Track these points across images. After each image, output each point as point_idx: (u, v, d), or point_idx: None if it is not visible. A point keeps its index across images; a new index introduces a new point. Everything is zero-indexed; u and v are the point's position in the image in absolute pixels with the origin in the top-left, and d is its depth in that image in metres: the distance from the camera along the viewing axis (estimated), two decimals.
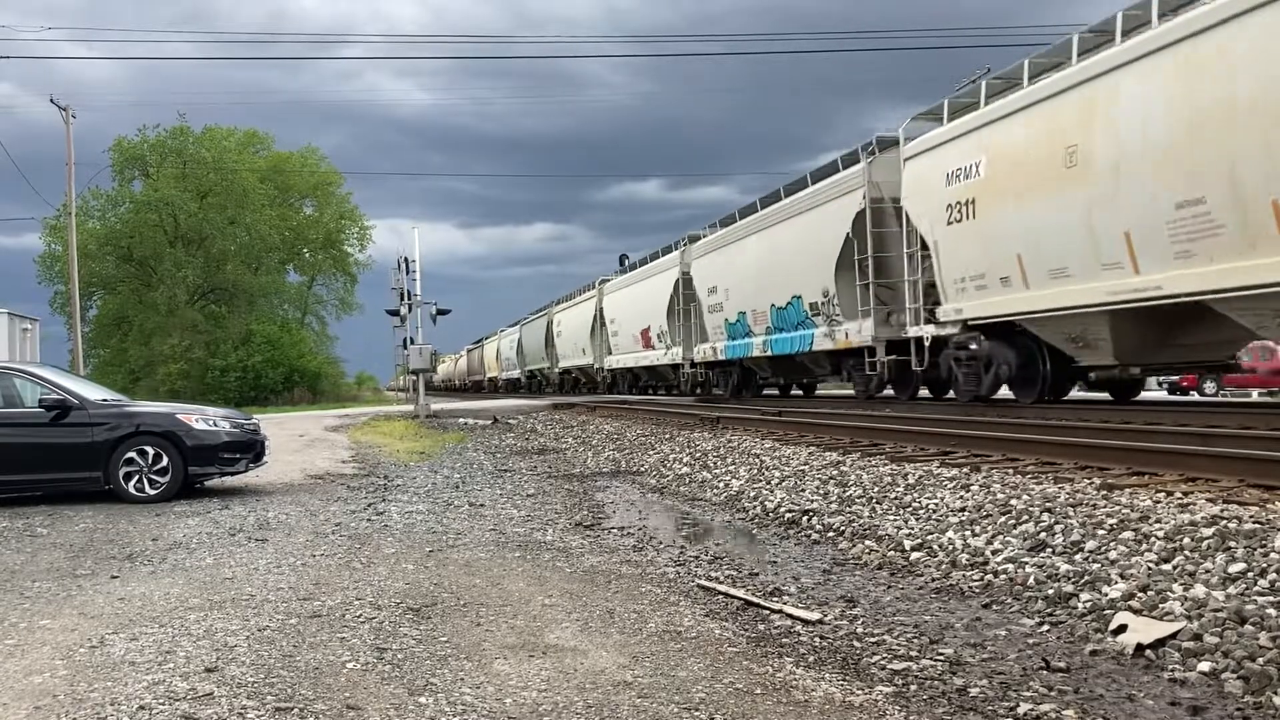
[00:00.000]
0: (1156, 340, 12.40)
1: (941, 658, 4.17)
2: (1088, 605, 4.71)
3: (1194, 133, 10.21)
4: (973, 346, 14.96)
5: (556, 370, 45.54)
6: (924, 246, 15.68)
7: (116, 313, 46.88)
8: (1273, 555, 4.65)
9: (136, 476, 9.79)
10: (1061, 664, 4.05)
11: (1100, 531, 5.62)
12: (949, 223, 14.74)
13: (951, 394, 16.95)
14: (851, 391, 22.33)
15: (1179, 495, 6.12)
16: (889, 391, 19.44)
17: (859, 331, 17.95)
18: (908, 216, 16.12)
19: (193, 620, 4.92)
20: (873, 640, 4.47)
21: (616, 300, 35.56)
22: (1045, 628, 4.62)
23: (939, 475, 8.06)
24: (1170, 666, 3.94)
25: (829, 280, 18.84)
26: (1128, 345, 12.37)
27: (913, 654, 4.24)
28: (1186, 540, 5.14)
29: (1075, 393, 16.18)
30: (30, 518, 8.79)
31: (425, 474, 12.29)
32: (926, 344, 15.84)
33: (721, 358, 25.70)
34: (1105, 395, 15.78)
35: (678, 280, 28.52)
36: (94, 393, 10.73)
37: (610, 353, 36.59)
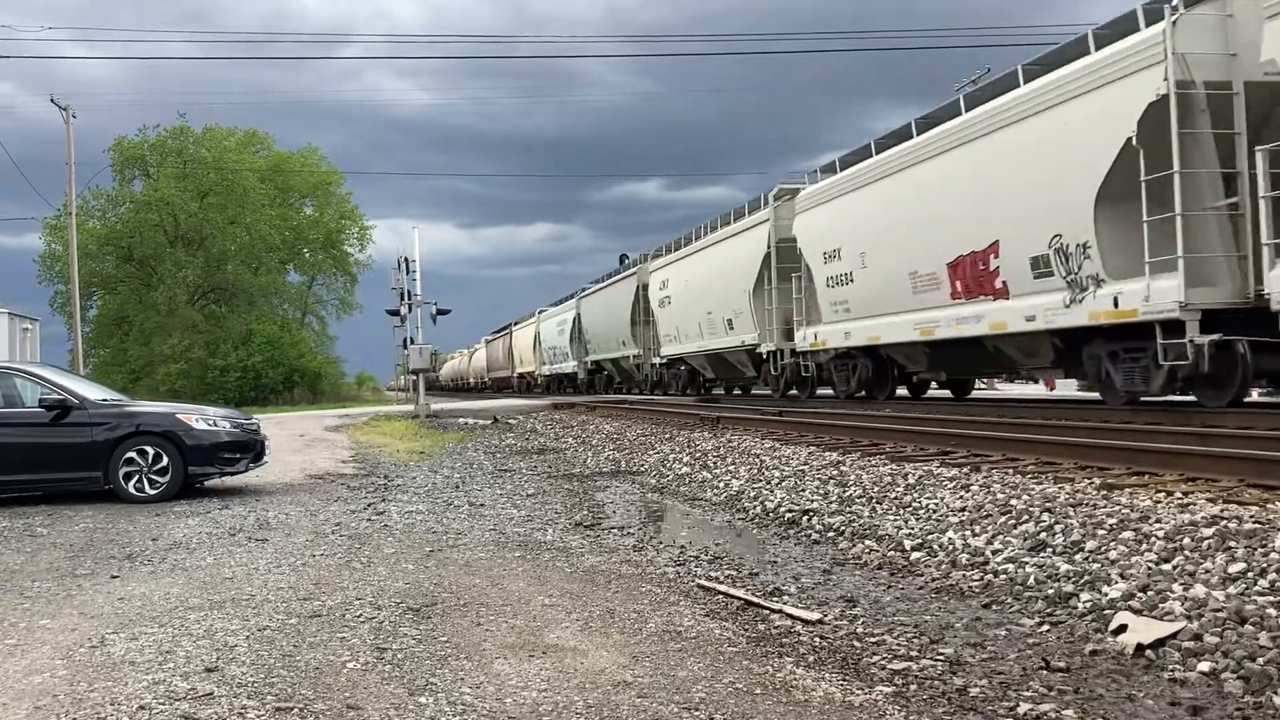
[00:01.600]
0: None
1: (941, 658, 4.17)
2: (1088, 605, 4.71)
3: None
4: None
5: (658, 359, 30.35)
6: None
7: (116, 313, 46.87)
8: (1273, 555, 4.65)
9: (136, 476, 9.79)
10: (1061, 664, 4.05)
11: (1100, 531, 5.62)
12: None
13: None
14: None
15: (1179, 495, 6.12)
16: None
17: None
18: None
19: (193, 620, 4.92)
20: (873, 640, 4.47)
21: (843, 213, 18.34)
22: (1045, 628, 4.62)
23: (939, 475, 8.06)
24: (1170, 666, 3.94)
25: None
26: None
27: (913, 654, 4.24)
28: (1186, 540, 5.14)
29: None
30: (30, 518, 8.79)
31: (425, 474, 12.29)
32: None
33: None
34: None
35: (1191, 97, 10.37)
36: (94, 392, 10.73)
37: (819, 320, 19.67)
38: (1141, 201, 10.90)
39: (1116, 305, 11.58)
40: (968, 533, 6.31)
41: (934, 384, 19.91)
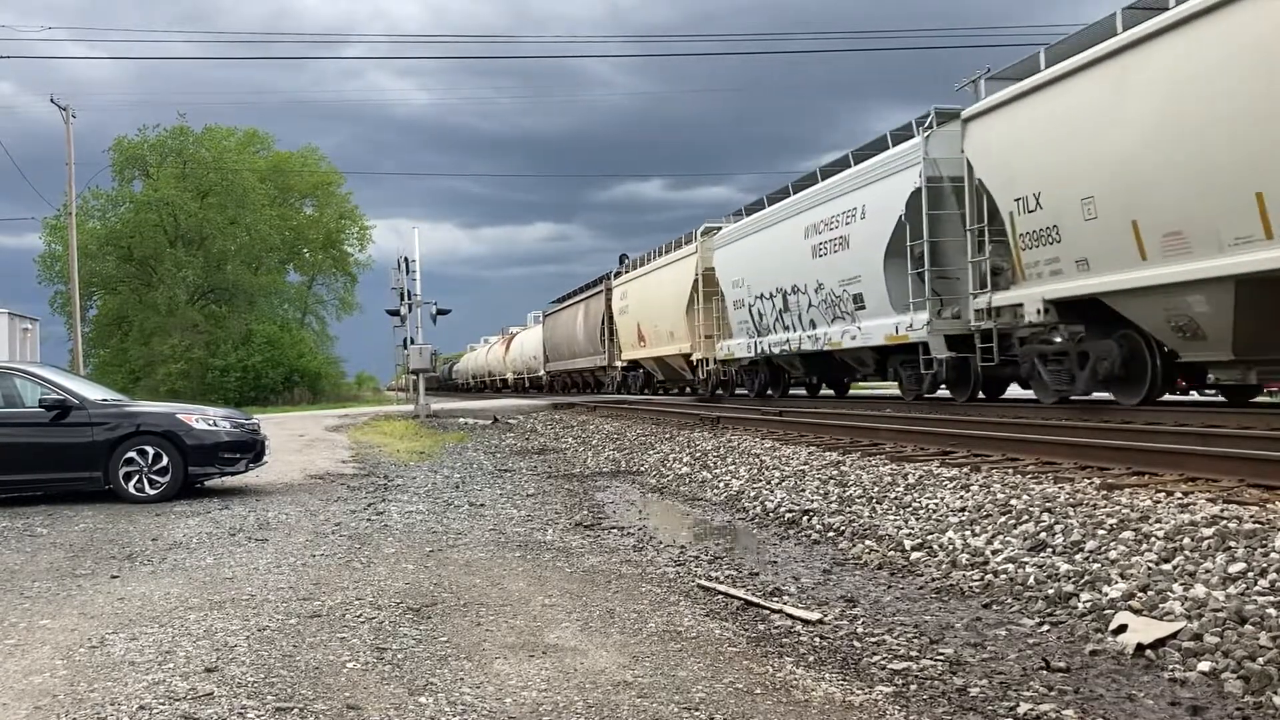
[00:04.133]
0: None
1: (941, 658, 4.17)
2: (1088, 605, 4.71)
3: None
4: None
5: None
6: None
7: (116, 313, 46.84)
8: (1273, 555, 4.65)
9: (136, 476, 9.78)
10: (1061, 664, 4.05)
11: (1100, 531, 5.62)
12: None
13: None
14: None
15: (1179, 495, 6.12)
16: None
17: None
18: None
19: (193, 620, 4.92)
20: (873, 640, 4.47)
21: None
22: (1045, 628, 4.62)
23: (939, 475, 8.06)
24: (1170, 666, 3.94)
25: None
26: None
27: (913, 654, 4.24)
28: (1186, 540, 5.14)
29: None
30: (30, 518, 8.79)
31: (425, 474, 12.29)
32: None
33: None
34: None
35: None
36: (94, 392, 10.73)
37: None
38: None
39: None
40: (968, 533, 6.31)
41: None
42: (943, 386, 16.18)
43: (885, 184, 15.75)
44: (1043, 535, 5.85)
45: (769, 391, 22.84)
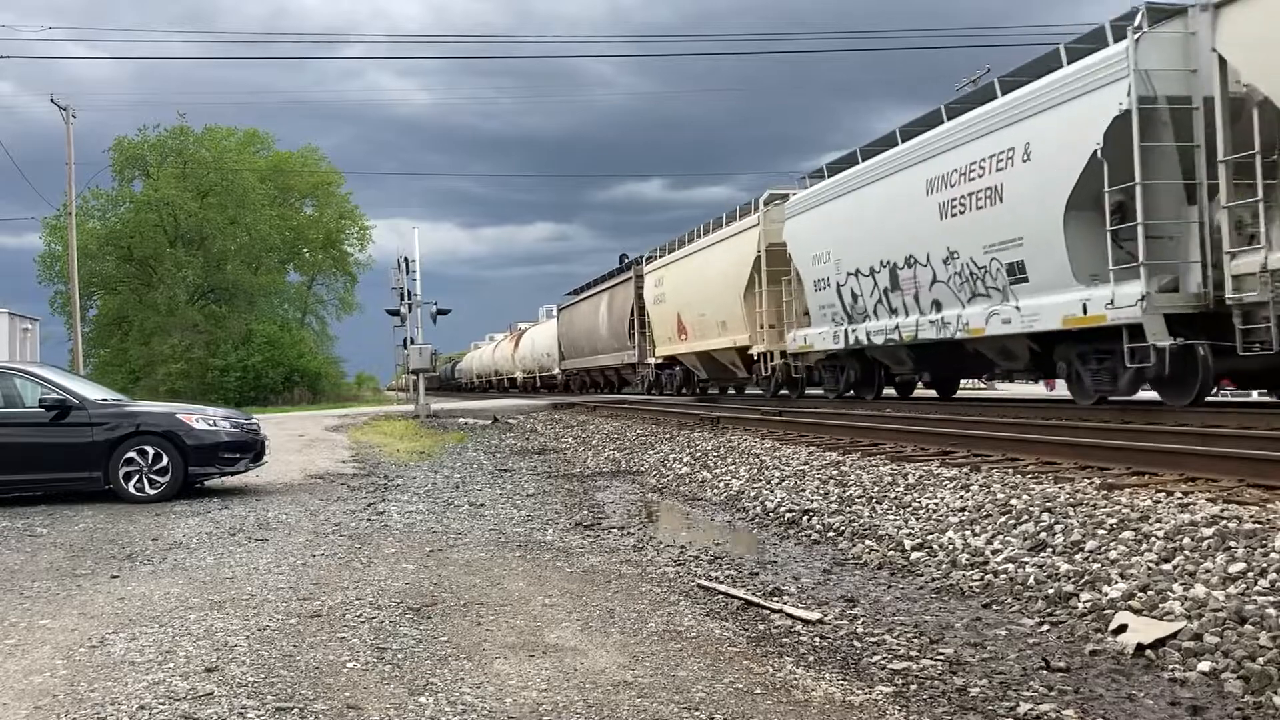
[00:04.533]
0: None
1: (941, 658, 4.17)
2: (1088, 605, 4.71)
3: None
4: None
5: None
6: None
7: (116, 313, 46.84)
8: (1273, 555, 4.65)
9: (136, 476, 9.78)
10: (1061, 664, 4.05)
11: (1100, 531, 5.62)
12: None
13: None
14: None
15: (1179, 495, 6.12)
16: None
17: None
18: None
19: (193, 620, 4.92)
20: (873, 640, 4.47)
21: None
22: (1045, 627, 4.62)
23: (939, 475, 8.06)
24: (1170, 666, 3.94)
25: None
26: None
27: (913, 654, 4.24)
28: (1186, 540, 5.14)
29: None
30: (30, 518, 8.79)
31: (425, 474, 12.29)
32: None
33: None
34: None
35: None
36: (94, 392, 10.73)
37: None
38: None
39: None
40: (968, 533, 6.31)
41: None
42: (1145, 385, 11.91)
43: (1066, 111, 11.84)
44: (1043, 535, 5.85)
45: (852, 392, 18.94)
